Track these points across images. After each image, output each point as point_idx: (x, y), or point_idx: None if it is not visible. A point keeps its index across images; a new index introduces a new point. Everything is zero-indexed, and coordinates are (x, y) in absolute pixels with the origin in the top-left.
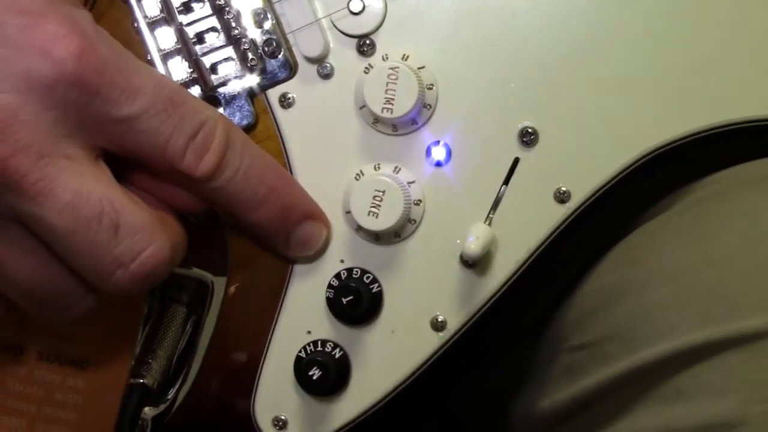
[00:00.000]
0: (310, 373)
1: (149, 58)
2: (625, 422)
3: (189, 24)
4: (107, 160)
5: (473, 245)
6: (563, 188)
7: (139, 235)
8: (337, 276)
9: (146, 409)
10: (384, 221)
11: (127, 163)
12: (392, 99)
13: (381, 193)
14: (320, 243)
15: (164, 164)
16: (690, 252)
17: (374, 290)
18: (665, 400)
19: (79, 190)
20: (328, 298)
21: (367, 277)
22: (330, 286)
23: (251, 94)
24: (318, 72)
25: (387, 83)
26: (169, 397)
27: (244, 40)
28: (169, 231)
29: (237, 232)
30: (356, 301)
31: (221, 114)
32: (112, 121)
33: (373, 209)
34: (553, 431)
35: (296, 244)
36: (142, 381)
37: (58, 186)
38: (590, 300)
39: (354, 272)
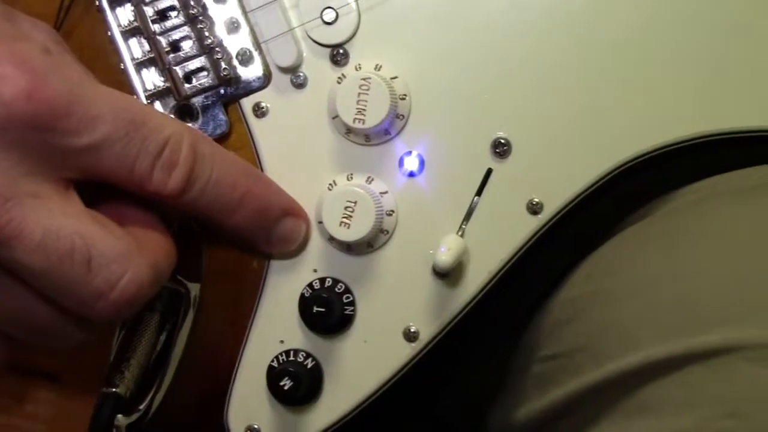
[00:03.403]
0: (282, 383)
1: (123, 67)
2: None
3: (162, 33)
4: (82, 186)
5: (444, 256)
6: (536, 199)
7: (113, 265)
8: (310, 286)
9: (119, 416)
10: (356, 232)
11: (103, 186)
12: (364, 109)
13: (353, 204)
14: (301, 237)
15: (135, 186)
16: (660, 264)
17: (346, 300)
18: (630, 415)
19: (48, 227)
20: (300, 308)
21: (340, 287)
22: (302, 295)
23: (225, 103)
24: (291, 81)
25: (359, 93)
26: (142, 406)
27: (217, 49)
28: (146, 251)
29: (212, 241)
30: (328, 311)
31: (187, 127)
32: (74, 152)
33: (344, 220)
34: None
35: (277, 241)
36: (115, 390)
37: (26, 227)
38: (563, 310)
39: (326, 282)
